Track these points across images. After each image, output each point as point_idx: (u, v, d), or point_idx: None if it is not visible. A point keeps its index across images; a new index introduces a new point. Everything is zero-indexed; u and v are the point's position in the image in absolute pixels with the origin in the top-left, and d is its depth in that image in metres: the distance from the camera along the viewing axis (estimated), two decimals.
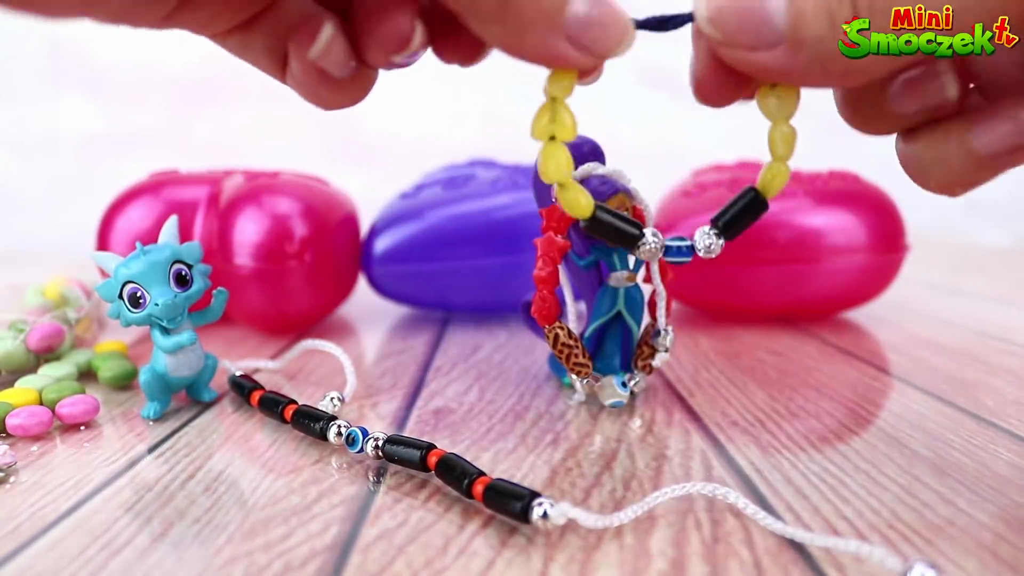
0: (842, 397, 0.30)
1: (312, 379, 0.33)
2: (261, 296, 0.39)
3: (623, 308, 0.27)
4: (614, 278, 0.27)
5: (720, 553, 0.18)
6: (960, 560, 0.17)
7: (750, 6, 0.17)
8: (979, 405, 0.29)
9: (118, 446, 0.25)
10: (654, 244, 0.22)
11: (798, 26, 0.16)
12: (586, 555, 0.18)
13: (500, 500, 0.19)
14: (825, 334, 0.41)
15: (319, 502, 0.21)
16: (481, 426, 0.27)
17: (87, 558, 0.18)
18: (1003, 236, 0.97)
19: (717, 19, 0.18)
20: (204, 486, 0.22)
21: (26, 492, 0.21)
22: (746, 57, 0.18)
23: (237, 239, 0.38)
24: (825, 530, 0.19)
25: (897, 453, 0.24)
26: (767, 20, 0.17)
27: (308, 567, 0.17)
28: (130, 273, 0.26)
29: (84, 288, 0.40)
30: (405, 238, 0.42)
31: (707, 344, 0.39)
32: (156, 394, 0.28)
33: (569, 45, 0.17)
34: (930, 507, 0.20)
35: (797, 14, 0.16)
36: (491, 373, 0.34)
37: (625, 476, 0.22)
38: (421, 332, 0.43)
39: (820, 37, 0.16)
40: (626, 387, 0.27)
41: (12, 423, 0.26)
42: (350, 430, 0.23)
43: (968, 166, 0.19)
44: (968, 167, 0.19)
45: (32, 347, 0.33)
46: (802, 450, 0.24)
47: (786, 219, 0.40)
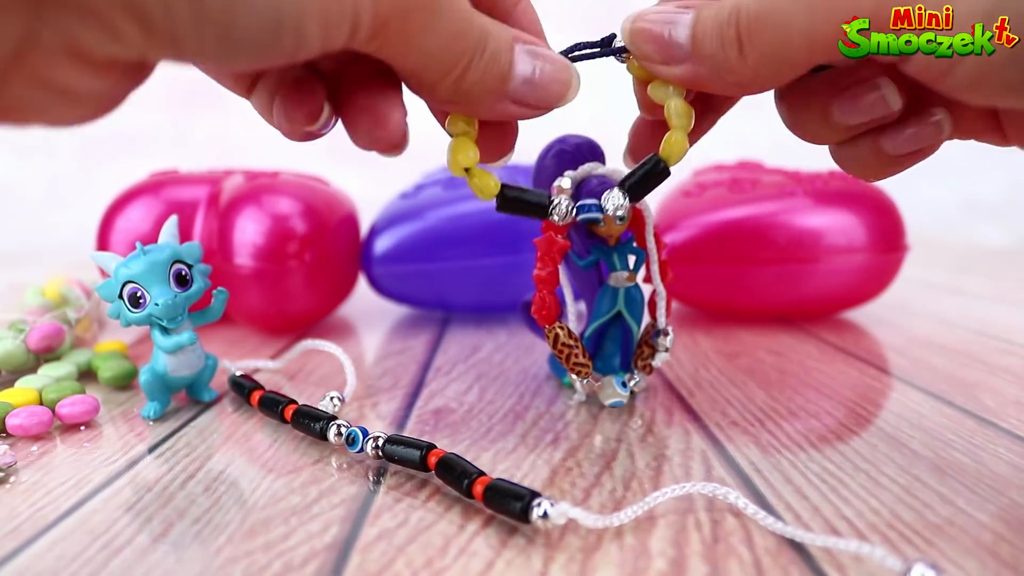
0: (842, 397, 0.30)
1: (312, 379, 0.33)
2: (261, 296, 0.39)
3: (623, 308, 0.27)
4: (614, 278, 0.27)
5: (720, 553, 0.18)
6: (960, 560, 0.17)
7: (661, 31, 0.21)
8: (979, 405, 0.29)
9: (118, 446, 0.25)
10: (565, 206, 0.24)
11: (697, 46, 0.20)
12: (586, 555, 0.18)
13: (500, 500, 0.19)
14: (825, 334, 0.41)
15: (319, 502, 0.21)
16: (481, 426, 0.27)
17: (87, 558, 0.18)
18: (1003, 236, 0.97)
19: (635, 41, 0.21)
20: (204, 486, 0.22)
21: (26, 492, 0.21)
22: (659, 70, 0.21)
23: (237, 239, 0.38)
24: (825, 530, 0.19)
25: (897, 453, 0.24)
26: (674, 41, 0.21)
27: (308, 567, 0.17)
28: (130, 273, 0.26)
29: (84, 288, 0.40)
30: (405, 238, 0.42)
31: (707, 344, 0.39)
32: (156, 394, 0.28)
33: (516, 106, 0.20)
34: (930, 507, 0.20)
35: (697, 36, 0.20)
36: (491, 373, 0.34)
37: (625, 476, 0.22)
38: (421, 332, 0.43)
39: (713, 53, 0.20)
40: (626, 387, 0.27)
41: (12, 423, 0.26)
42: (350, 430, 0.23)
43: (879, 163, 0.22)
44: (879, 164, 0.22)
45: (32, 347, 0.33)
46: (802, 450, 0.24)
47: (786, 219, 0.40)
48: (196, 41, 0.14)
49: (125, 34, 0.13)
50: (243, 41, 0.14)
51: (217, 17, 0.13)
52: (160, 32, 0.13)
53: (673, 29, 0.21)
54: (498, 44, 0.20)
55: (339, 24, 0.15)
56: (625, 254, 0.27)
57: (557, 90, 0.21)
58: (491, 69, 0.19)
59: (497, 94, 0.20)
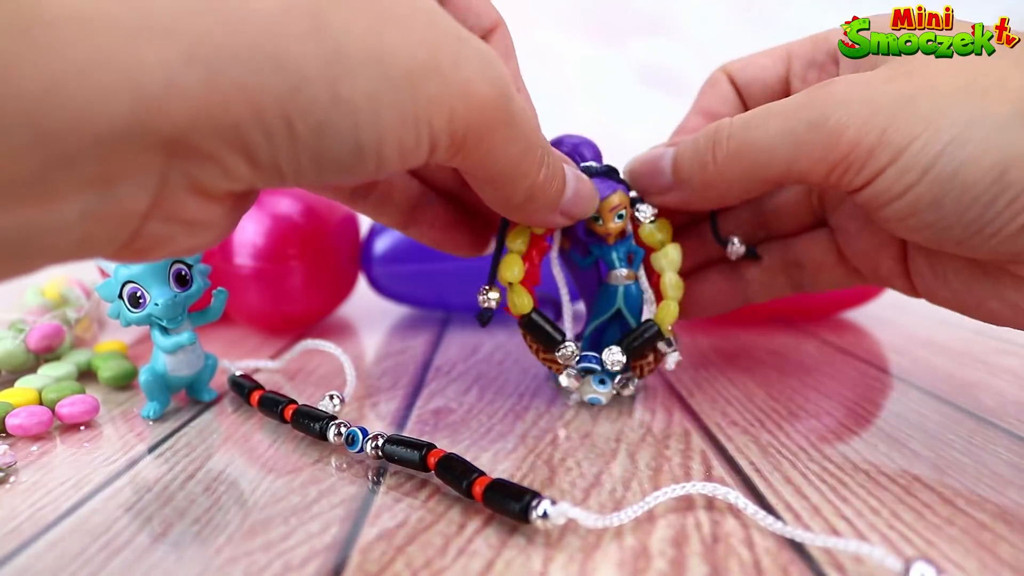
0: (842, 397, 0.30)
1: (312, 379, 0.33)
2: (261, 296, 0.39)
3: (623, 306, 0.27)
4: (613, 276, 0.27)
5: (720, 553, 0.18)
6: (960, 560, 0.17)
7: (651, 168, 0.26)
8: (979, 405, 0.29)
9: (118, 446, 0.25)
10: (570, 350, 0.26)
11: (678, 175, 0.25)
12: (586, 555, 0.18)
13: (500, 500, 0.19)
14: (825, 334, 0.41)
15: (319, 502, 0.21)
16: (481, 426, 0.27)
17: (87, 558, 0.18)
18: None
19: (632, 175, 0.27)
20: (204, 486, 0.22)
21: (26, 492, 0.21)
22: (654, 199, 0.27)
23: (237, 239, 0.38)
24: (825, 530, 0.19)
25: (897, 453, 0.24)
26: (662, 173, 0.26)
27: (308, 567, 0.17)
28: (130, 273, 0.26)
29: (84, 288, 0.40)
30: (405, 238, 0.42)
31: (707, 344, 0.39)
32: (156, 394, 0.28)
33: (561, 216, 0.24)
34: (930, 507, 0.20)
35: (676, 167, 0.25)
36: (491, 373, 0.34)
37: (625, 476, 0.22)
38: (421, 332, 0.43)
39: (688, 177, 0.25)
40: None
41: (12, 423, 0.26)
42: (350, 430, 0.23)
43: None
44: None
45: (32, 347, 0.33)
46: (802, 450, 0.24)
47: None
48: (295, 168, 0.16)
49: (236, 170, 0.15)
50: (333, 163, 0.16)
51: (311, 144, 0.15)
52: (265, 165, 0.15)
53: (658, 164, 0.26)
54: (555, 160, 0.22)
55: (416, 147, 0.17)
56: (624, 252, 0.27)
57: (590, 206, 0.25)
58: (554, 181, 0.22)
59: (554, 205, 0.23)
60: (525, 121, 0.20)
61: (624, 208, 0.26)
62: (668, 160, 0.25)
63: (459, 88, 0.17)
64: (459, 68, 0.17)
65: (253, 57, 0.14)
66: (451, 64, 0.17)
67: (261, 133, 0.15)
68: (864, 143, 0.20)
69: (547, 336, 0.27)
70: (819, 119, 0.21)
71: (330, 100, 0.15)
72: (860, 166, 0.21)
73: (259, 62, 0.14)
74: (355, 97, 0.15)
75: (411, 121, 0.16)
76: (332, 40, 0.15)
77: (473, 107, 0.17)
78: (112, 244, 0.15)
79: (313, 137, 0.15)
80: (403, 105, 0.16)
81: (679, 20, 0.71)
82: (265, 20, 0.14)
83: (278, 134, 0.15)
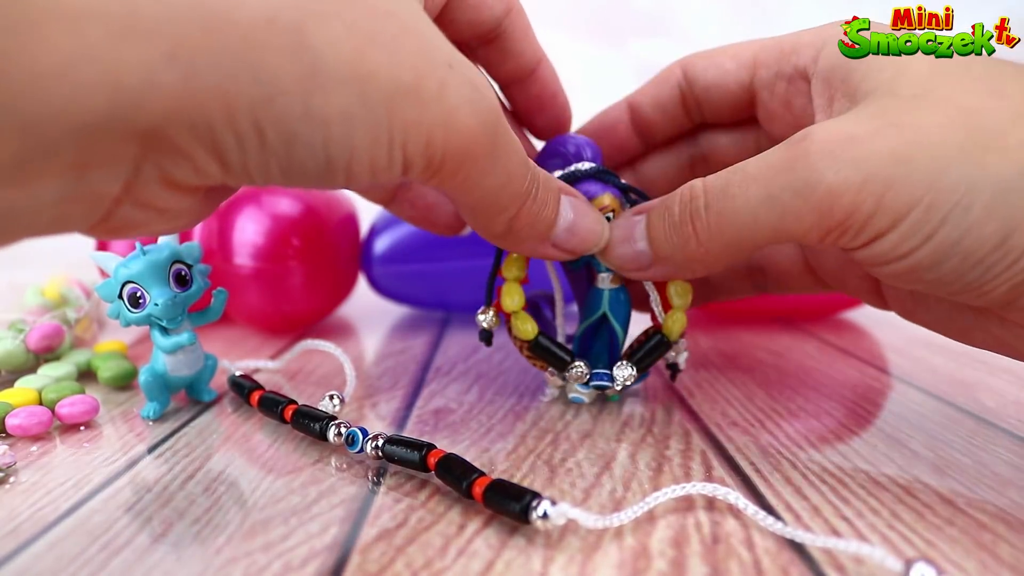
0: (842, 397, 0.30)
1: (312, 379, 0.33)
2: (261, 296, 0.39)
3: (607, 310, 0.27)
4: (600, 280, 0.27)
5: (720, 553, 0.18)
6: (960, 560, 0.17)
7: (629, 248, 0.24)
8: (979, 405, 0.29)
9: (118, 446, 0.25)
10: (580, 371, 0.27)
11: (656, 252, 0.23)
12: (586, 555, 0.18)
13: (500, 500, 0.19)
14: (825, 334, 0.41)
15: (319, 502, 0.21)
16: (481, 426, 0.27)
17: (87, 558, 0.18)
18: None
19: (612, 257, 0.25)
20: (204, 486, 0.22)
21: (26, 492, 0.21)
22: (636, 275, 0.25)
23: (237, 239, 0.38)
24: (825, 530, 0.19)
25: (897, 453, 0.24)
26: (641, 253, 0.24)
27: (308, 567, 0.17)
28: (130, 273, 0.26)
29: (84, 288, 0.40)
30: (405, 238, 0.43)
31: (707, 344, 0.39)
32: (156, 394, 0.28)
33: (555, 249, 0.23)
34: (930, 507, 0.20)
35: (654, 244, 0.23)
36: (491, 373, 0.34)
37: (625, 476, 0.22)
38: (421, 332, 0.43)
39: (670, 254, 0.23)
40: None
41: (12, 423, 0.26)
42: (350, 430, 0.23)
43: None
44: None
45: (32, 347, 0.33)
46: (802, 450, 0.24)
47: None
48: (264, 173, 0.16)
49: (207, 168, 0.16)
50: (302, 172, 0.17)
51: (280, 153, 0.16)
52: (234, 166, 0.16)
53: (633, 244, 0.24)
54: (547, 193, 0.22)
55: (388, 167, 0.17)
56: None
57: (592, 240, 0.24)
58: (540, 214, 0.22)
59: (542, 238, 0.23)
60: (509, 155, 0.19)
61: (614, 210, 0.26)
62: (641, 237, 0.24)
63: (441, 115, 0.17)
64: (444, 95, 0.17)
65: (231, 63, 0.14)
66: (435, 90, 0.17)
67: (232, 136, 0.15)
68: (861, 210, 0.19)
69: (556, 358, 0.27)
70: (805, 186, 0.19)
71: (302, 113, 0.15)
72: (858, 230, 0.19)
73: (236, 69, 0.14)
74: (328, 113, 0.16)
75: (384, 142, 0.17)
76: (310, 57, 0.15)
77: (453, 135, 0.17)
78: (86, 222, 0.16)
79: (283, 146, 0.16)
80: (376, 126, 0.16)
81: (679, 20, 0.71)
82: (248, 29, 0.15)
83: (249, 139, 0.15)
